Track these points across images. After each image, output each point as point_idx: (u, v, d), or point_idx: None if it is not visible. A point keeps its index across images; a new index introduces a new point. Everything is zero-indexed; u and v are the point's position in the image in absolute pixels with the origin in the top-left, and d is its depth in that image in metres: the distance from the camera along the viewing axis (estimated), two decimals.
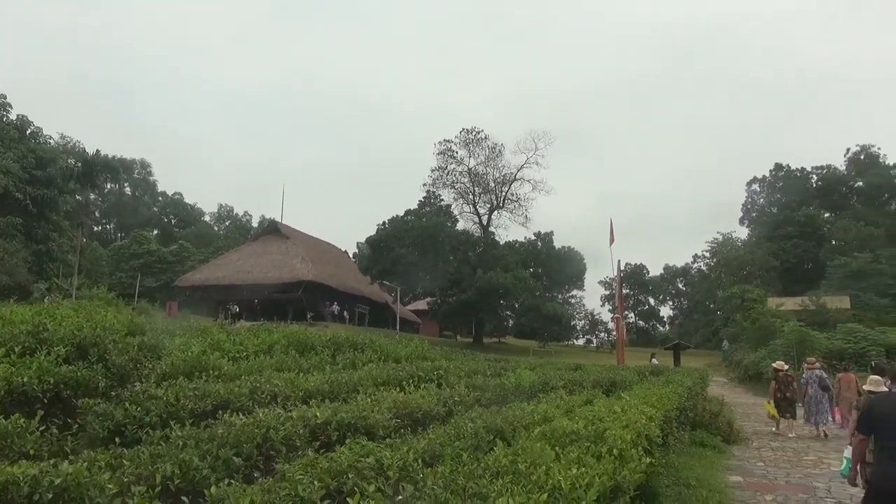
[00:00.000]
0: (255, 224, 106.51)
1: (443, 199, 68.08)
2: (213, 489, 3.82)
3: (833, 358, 27.68)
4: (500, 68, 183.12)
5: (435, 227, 60.11)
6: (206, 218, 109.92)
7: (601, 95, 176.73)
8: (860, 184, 79.16)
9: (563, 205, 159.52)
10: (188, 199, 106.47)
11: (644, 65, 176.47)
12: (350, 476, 4.26)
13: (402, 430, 6.90)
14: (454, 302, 60.35)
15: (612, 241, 32.07)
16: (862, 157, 79.34)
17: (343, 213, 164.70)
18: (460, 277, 59.18)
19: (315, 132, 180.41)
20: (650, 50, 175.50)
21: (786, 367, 18.15)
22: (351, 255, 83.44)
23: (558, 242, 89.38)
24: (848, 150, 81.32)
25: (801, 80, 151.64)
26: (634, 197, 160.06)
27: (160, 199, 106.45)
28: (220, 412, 6.46)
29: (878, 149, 79.23)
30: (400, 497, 3.62)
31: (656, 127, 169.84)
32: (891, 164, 77.66)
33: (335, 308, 53.65)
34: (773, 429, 16.48)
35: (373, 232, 63.70)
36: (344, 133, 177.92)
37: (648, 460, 5.67)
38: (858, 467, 5.74)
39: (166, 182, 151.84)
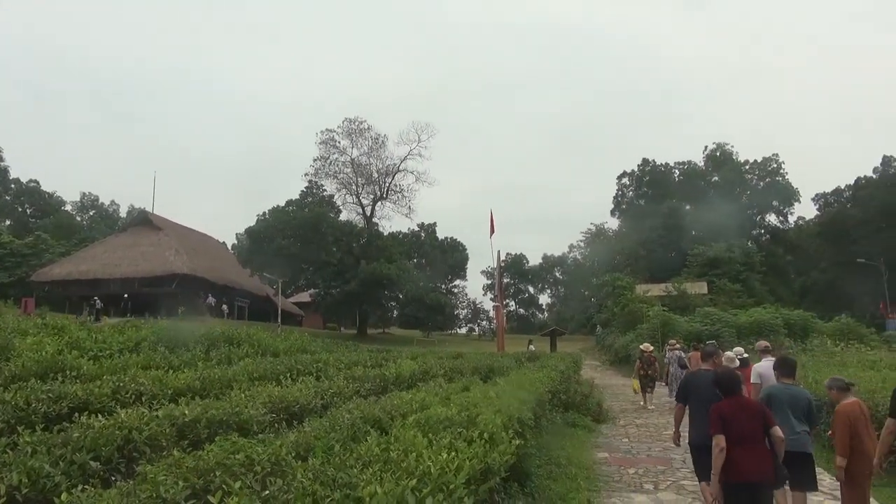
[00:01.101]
0: (123, 214, 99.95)
1: (325, 190, 67.03)
2: (63, 496, 3.59)
3: (692, 339, 29.93)
4: (384, 61, 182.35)
5: (317, 217, 59.07)
6: (68, 207, 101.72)
7: (481, 90, 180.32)
8: (716, 178, 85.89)
9: (447, 196, 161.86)
10: (46, 187, 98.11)
11: (526, 61, 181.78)
12: (218, 474, 4.13)
13: (277, 425, 6.78)
14: (338, 293, 59.67)
15: (492, 232, 32.91)
16: (718, 153, 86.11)
17: (222, 203, 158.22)
18: (344, 269, 58.58)
19: (192, 120, 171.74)
20: (533, 48, 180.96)
21: (651, 348, 19.72)
22: (230, 247, 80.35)
23: (441, 233, 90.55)
24: (706, 147, 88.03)
25: (664, 79, 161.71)
26: (515, 189, 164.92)
27: (13, 186, 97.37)
28: (77, 415, 6.06)
29: (732, 146, 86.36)
30: (267, 492, 3.56)
31: (534, 121, 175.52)
32: (742, 160, 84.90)
33: (212, 301, 51.54)
34: (642, 403, 18.00)
35: (253, 223, 61.71)
36: (223, 122, 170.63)
37: (518, 442, 5.91)
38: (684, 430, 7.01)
39: (20, 168, 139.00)
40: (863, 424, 6.02)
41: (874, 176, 76.14)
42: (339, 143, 64.70)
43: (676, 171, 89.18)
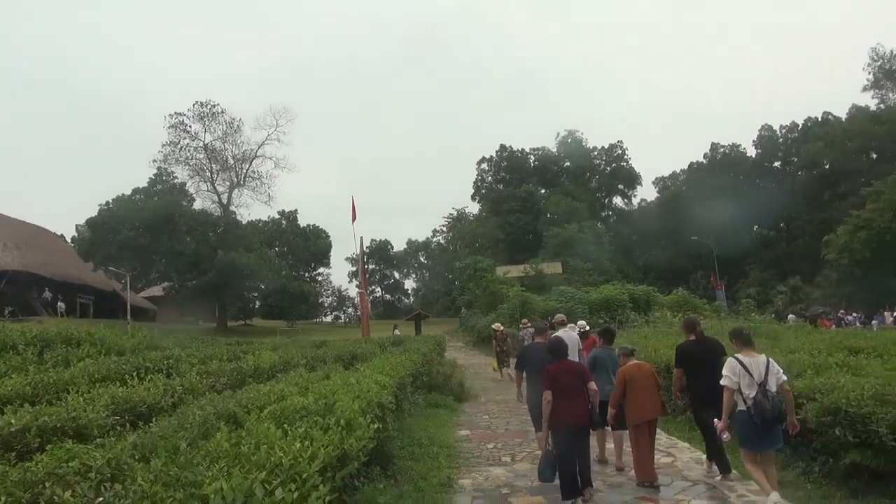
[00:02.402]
0: None
1: (176, 177, 63.39)
2: None
3: (548, 317, 31.48)
4: (242, 44, 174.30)
5: (168, 206, 55.73)
6: None
7: (346, 74, 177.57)
8: (568, 164, 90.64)
9: (309, 183, 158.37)
10: None
11: (388, 48, 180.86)
12: (48, 485, 3.81)
13: (120, 428, 6.34)
14: (194, 286, 56.86)
15: (354, 218, 32.63)
16: (569, 140, 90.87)
17: (57, 193, 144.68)
18: (199, 259, 55.84)
19: (20, 102, 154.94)
20: (395, 36, 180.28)
21: (501, 327, 21.51)
22: (69, 240, 73.82)
23: (303, 220, 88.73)
24: (558, 133, 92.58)
25: (521, 68, 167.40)
26: (379, 175, 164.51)
27: None
28: None
29: (582, 133, 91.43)
30: (101, 499, 3.34)
31: (397, 108, 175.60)
32: (591, 146, 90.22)
33: (47, 296, 47.21)
34: (499, 377, 19.32)
35: (94, 213, 57.01)
36: (55, 103, 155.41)
37: (377, 426, 5.95)
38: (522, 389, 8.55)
39: None
40: (639, 381, 7.31)
41: (704, 161, 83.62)
42: (191, 127, 61.38)
43: (532, 156, 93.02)
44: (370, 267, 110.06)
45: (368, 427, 5.63)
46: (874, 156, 66.52)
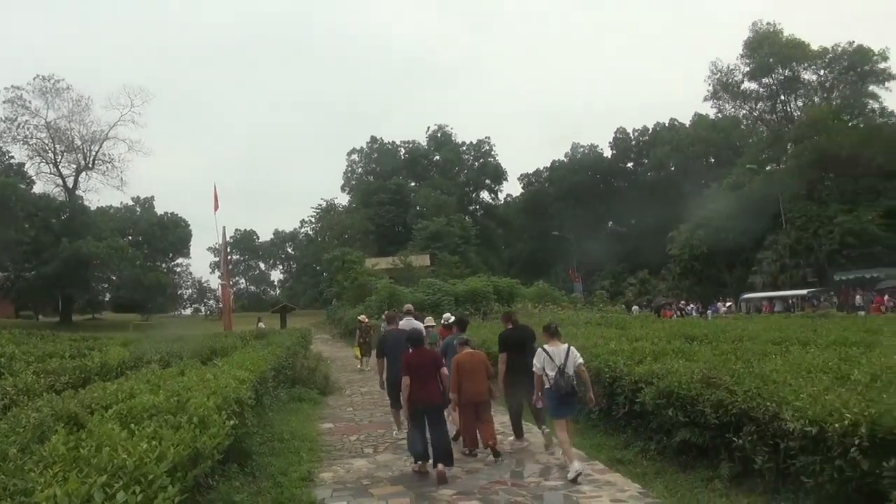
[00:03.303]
0: None
1: (13, 157, 57.61)
2: None
3: (416, 308, 31.81)
4: (94, 19, 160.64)
5: (3, 188, 50.48)
6: None
7: (210, 58, 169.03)
8: (438, 158, 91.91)
9: (168, 168, 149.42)
10: None
11: (258, 33, 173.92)
12: None
13: None
14: (33, 277, 52.09)
15: (216, 207, 31.24)
16: (439, 135, 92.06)
17: None
18: (40, 248, 51.19)
19: None
20: (266, 19, 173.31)
21: (366, 319, 22.04)
22: None
23: (161, 208, 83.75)
24: (429, 128, 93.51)
25: (394, 61, 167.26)
26: (245, 163, 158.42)
27: None
28: None
29: (451, 128, 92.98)
30: None
31: (265, 95, 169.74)
32: (460, 141, 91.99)
33: None
34: (359, 366, 19.76)
35: None
36: None
37: (233, 423, 5.79)
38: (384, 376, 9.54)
39: None
40: (470, 368, 8.12)
41: (565, 160, 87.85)
42: (31, 103, 55.92)
43: (402, 149, 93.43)
44: (234, 258, 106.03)
45: (224, 424, 5.47)
46: (713, 160, 72.89)
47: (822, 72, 58.77)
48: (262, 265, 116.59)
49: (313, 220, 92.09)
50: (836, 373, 6.40)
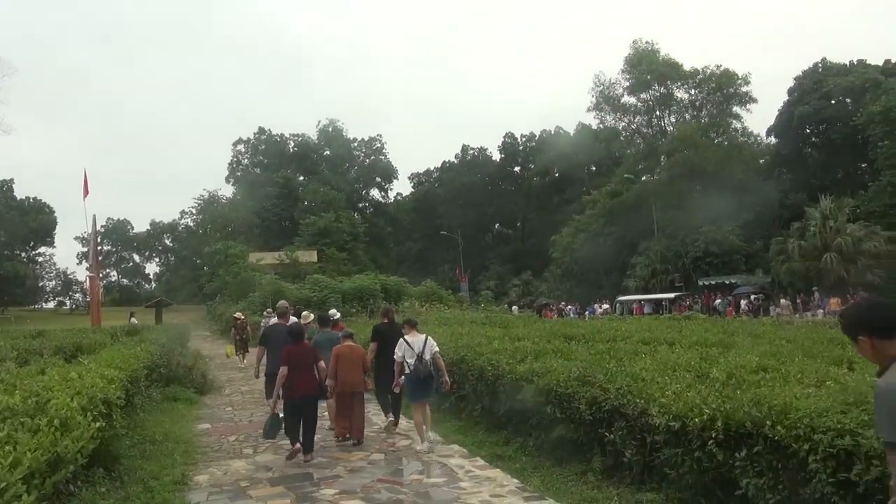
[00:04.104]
0: None
1: None
2: None
3: (301, 305, 31.17)
4: None
5: None
6: None
7: (85, 35, 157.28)
8: (328, 152, 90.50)
9: (31, 149, 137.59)
10: None
11: (143, 14, 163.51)
12: None
13: None
14: None
15: (86, 193, 29.06)
16: (330, 129, 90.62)
17: None
18: None
19: None
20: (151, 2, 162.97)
21: (242, 316, 21.86)
22: None
23: (21, 192, 77.06)
24: (319, 122, 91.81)
25: (285, 51, 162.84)
26: (121, 148, 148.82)
27: None
28: None
29: (342, 123, 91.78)
30: None
31: (145, 78, 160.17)
32: (351, 137, 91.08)
33: None
34: (239, 364, 19.36)
35: None
36: None
37: (100, 425, 5.45)
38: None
39: None
40: (348, 359, 8.75)
41: (456, 161, 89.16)
42: None
43: (291, 142, 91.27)
44: (105, 248, 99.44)
45: (90, 426, 5.14)
46: (594, 168, 76.47)
47: (692, 91, 63.12)
48: (136, 257, 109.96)
49: (195, 211, 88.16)
50: (697, 371, 6.86)
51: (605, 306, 46.11)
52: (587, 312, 44.11)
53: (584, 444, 6.83)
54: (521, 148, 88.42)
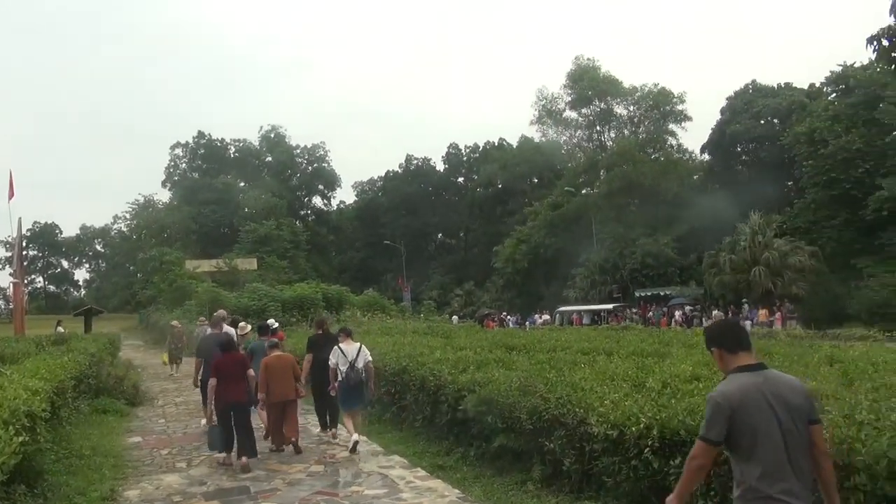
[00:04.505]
0: None
1: None
2: None
3: (239, 314, 30.47)
4: None
5: None
6: None
7: (13, 29, 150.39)
8: (270, 158, 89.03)
9: None
10: None
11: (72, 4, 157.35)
12: None
13: None
14: None
15: (11, 195, 27.71)
16: (272, 135, 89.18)
17: None
18: None
19: None
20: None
21: (179, 325, 21.49)
22: None
23: None
24: (261, 127, 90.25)
25: (228, 53, 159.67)
26: (49, 149, 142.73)
27: None
28: None
29: (285, 129, 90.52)
30: None
31: (77, 75, 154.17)
32: (294, 144, 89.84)
33: None
34: (171, 373, 19.17)
35: None
36: None
37: (23, 439, 5.20)
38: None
39: None
40: (278, 370, 8.82)
41: (399, 171, 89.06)
42: None
43: (232, 147, 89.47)
44: (30, 253, 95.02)
45: (11, 440, 4.89)
46: (536, 180, 77.62)
47: (631, 108, 64.85)
48: (64, 263, 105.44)
49: (128, 216, 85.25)
50: (634, 380, 7.02)
51: (546, 317, 46.66)
52: (528, 323, 44.57)
53: (524, 453, 6.90)
54: (464, 159, 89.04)
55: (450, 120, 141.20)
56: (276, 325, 12.31)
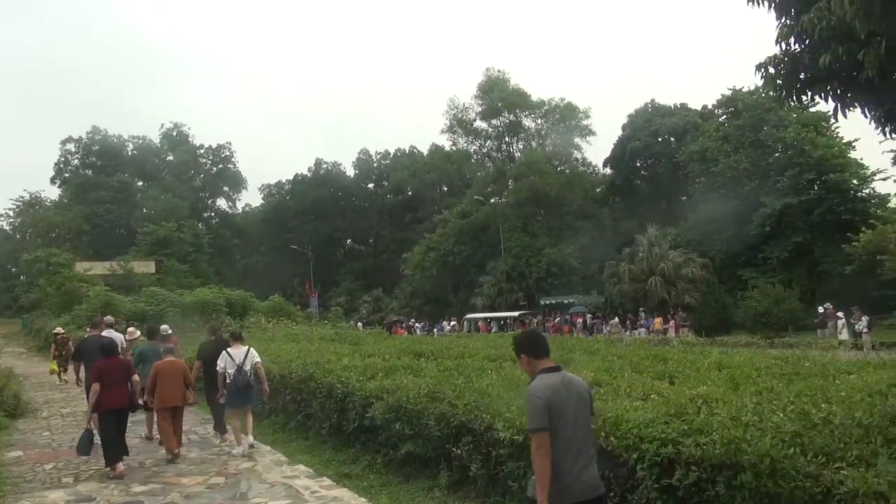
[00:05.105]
0: None
1: None
2: None
3: (135, 319, 28.96)
4: None
5: None
6: None
7: None
8: (171, 158, 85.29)
9: None
10: None
11: None
12: None
13: None
14: None
15: None
16: (175, 133, 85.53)
17: None
18: None
19: None
20: None
21: (62, 331, 20.88)
22: None
23: None
24: (163, 124, 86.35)
25: (134, 49, 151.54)
26: None
27: None
28: None
29: (188, 128, 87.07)
30: None
31: None
32: (198, 144, 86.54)
33: None
34: (58, 382, 18.48)
35: None
36: None
37: None
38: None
39: None
40: (168, 375, 8.89)
41: (309, 175, 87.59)
42: None
43: (130, 144, 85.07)
44: None
45: None
46: (446, 188, 78.38)
47: (539, 121, 66.67)
48: None
49: (12, 213, 79.19)
50: None
51: (454, 323, 47.14)
52: (436, 329, 44.84)
53: (431, 459, 6.93)
54: (375, 165, 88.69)
55: (361, 125, 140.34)
56: (170, 330, 11.87)
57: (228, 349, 9.28)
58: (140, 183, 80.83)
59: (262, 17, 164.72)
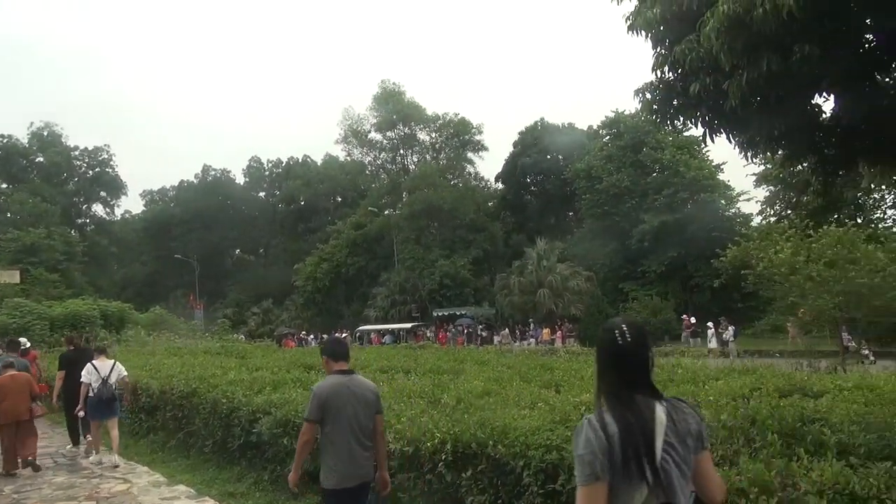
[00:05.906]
0: None
1: None
2: None
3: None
4: None
5: None
6: None
7: None
8: (41, 159, 79.16)
9: None
10: None
11: None
12: None
13: None
14: None
15: None
16: (45, 133, 79.45)
17: None
18: None
19: None
20: None
21: None
22: None
23: None
24: (32, 123, 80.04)
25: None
26: None
27: None
28: None
29: (61, 128, 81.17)
30: None
31: None
32: (72, 145, 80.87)
33: None
34: None
35: None
36: None
37: None
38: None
39: None
40: (12, 390, 8.83)
41: (195, 181, 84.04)
42: None
43: None
44: None
45: None
46: (339, 199, 77.56)
47: (433, 134, 67.48)
48: None
49: None
50: (430, 397, 7.24)
51: (345, 335, 46.55)
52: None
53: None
54: (267, 173, 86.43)
55: (253, 132, 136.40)
56: (28, 344, 11.33)
57: (94, 362, 9.43)
58: (4, 185, 74.52)
59: (150, 17, 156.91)
